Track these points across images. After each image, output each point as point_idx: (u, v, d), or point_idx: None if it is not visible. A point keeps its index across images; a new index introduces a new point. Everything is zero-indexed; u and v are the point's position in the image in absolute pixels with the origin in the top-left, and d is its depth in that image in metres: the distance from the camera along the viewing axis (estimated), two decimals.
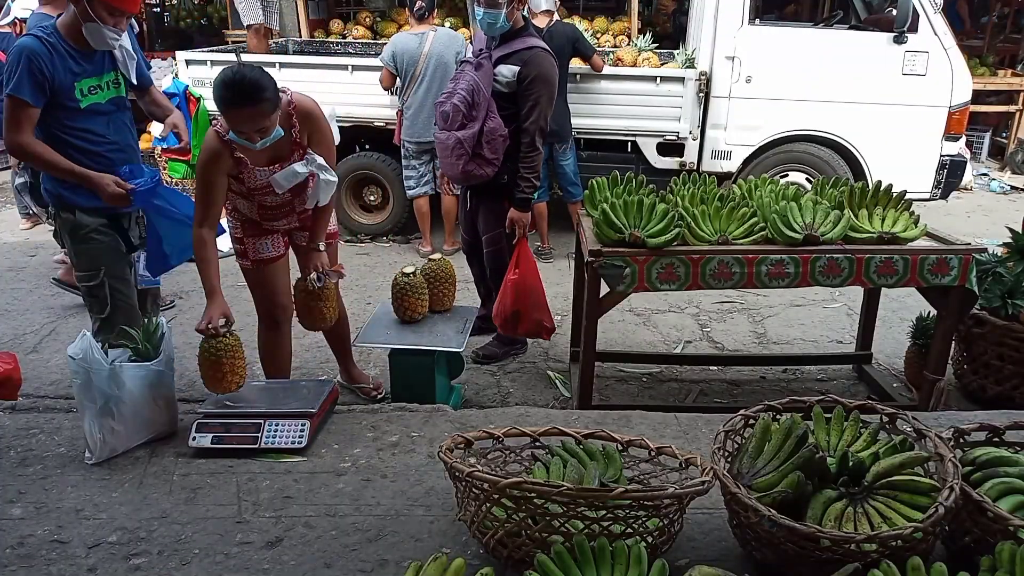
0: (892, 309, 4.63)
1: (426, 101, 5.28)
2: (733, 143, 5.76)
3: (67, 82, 2.81)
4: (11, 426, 2.71)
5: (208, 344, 2.60)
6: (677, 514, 1.88)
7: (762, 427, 2.03)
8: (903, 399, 3.52)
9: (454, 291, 3.43)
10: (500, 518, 1.87)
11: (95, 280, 3.09)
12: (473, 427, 2.52)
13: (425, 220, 5.74)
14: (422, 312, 3.27)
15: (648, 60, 5.87)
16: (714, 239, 3.06)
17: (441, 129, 3.70)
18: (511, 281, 3.64)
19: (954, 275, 3.08)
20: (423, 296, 3.26)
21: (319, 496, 2.31)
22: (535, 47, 3.58)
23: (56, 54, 2.78)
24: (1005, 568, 1.64)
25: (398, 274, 3.23)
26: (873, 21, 5.72)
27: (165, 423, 2.63)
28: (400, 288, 3.22)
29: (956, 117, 5.58)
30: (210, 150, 2.74)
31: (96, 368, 2.42)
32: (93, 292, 3.12)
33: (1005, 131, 9.54)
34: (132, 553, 2.04)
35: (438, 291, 3.34)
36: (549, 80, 3.59)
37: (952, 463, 1.85)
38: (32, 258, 5.61)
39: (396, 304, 3.26)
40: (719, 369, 4.01)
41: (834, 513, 1.82)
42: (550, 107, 3.64)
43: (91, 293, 3.13)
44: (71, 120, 2.89)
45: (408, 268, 3.29)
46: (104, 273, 3.08)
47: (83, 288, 3.17)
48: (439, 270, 3.35)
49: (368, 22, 7.71)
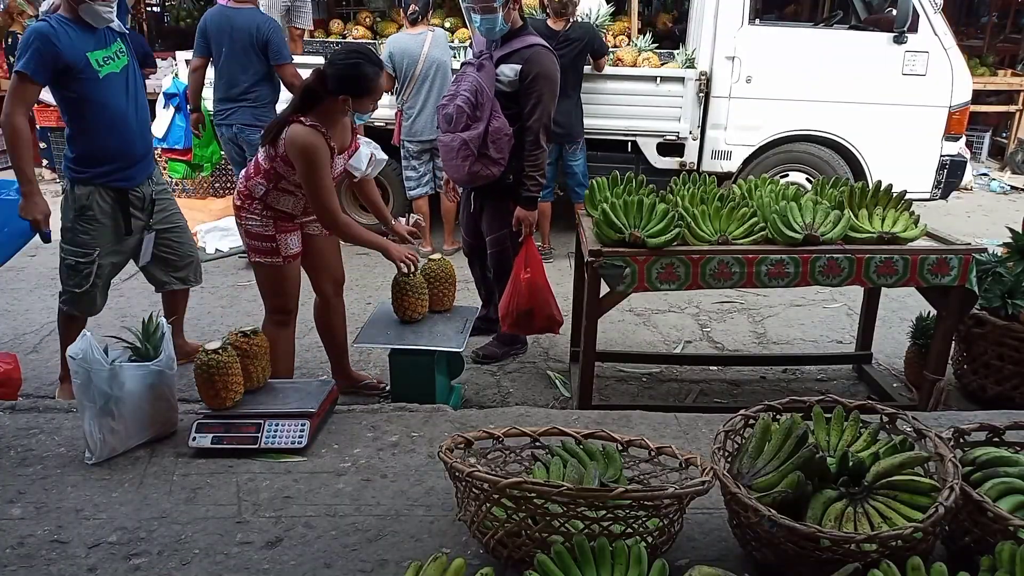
0: (892, 309, 4.63)
1: (427, 102, 5.29)
2: (733, 143, 5.76)
3: (80, 55, 3.04)
4: (11, 426, 2.71)
5: (201, 361, 2.55)
6: (677, 514, 1.88)
7: (762, 427, 2.03)
8: (903, 399, 3.52)
9: (454, 291, 3.43)
10: (500, 518, 1.87)
11: (87, 259, 3.26)
12: (473, 427, 2.52)
13: (425, 220, 5.74)
14: (422, 312, 3.27)
15: (648, 60, 5.86)
16: (714, 239, 3.06)
17: (444, 132, 3.69)
18: (525, 280, 3.65)
19: (954, 275, 3.08)
20: (423, 296, 3.26)
21: (319, 496, 2.31)
22: (535, 45, 3.58)
23: (64, 33, 3.00)
24: (1005, 568, 1.64)
25: (398, 274, 3.23)
26: (873, 21, 5.72)
27: (165, 423, 2.63)
28: (400, 288, 3.22)
29: (956, 117, 5.59)
30: (318, 144, 2.85)
31: (96, 368, 2.42)
32: (79, 268, 3.26)
33: (1005, 131, 9.55)
34: (132, 553, 2.04)
35: (438, 291, 3.34)
36: (551, 77, 3.59)
37: (952, 463, 1.85)
38: (32, 258, 5.60)
39: (396, 304, 3.26)
40: (719, 369, 4.00)
41: (834, 513, 1.82)
42: (553, 104, 3.63)
43: (76, 268, 3.26)
44: (91, 90, 3.09)
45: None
46: (98, 254, 3.27)
47: (69, 261, 3.27)
48: (439, 270, 3.35)
49: (368, 22, 7.71)
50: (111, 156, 3.20)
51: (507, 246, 3.85)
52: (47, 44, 2.95)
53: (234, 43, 4.86)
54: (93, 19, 3.05)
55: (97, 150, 3.18)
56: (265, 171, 2.98)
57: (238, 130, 5.07)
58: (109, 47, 3.16)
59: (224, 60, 4.94)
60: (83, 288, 3.28)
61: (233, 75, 4.95)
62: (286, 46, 5.05)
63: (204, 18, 5.02)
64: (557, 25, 5.16)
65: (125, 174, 3.27)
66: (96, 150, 3.18)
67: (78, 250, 3.25)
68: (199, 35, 5.01)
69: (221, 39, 4.89)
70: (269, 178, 2.98)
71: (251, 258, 3.16)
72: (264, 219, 3.05)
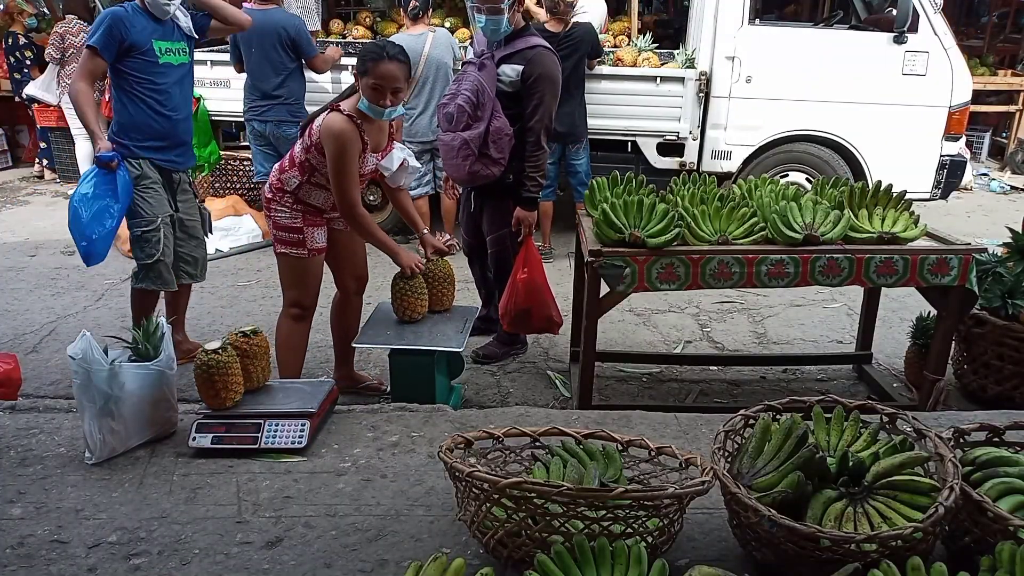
0: (892, 309, 4.63)
1: (429, 102, 5.29)
2: (733, 143, 5.76)
3: (145, 38, 3.38)
4: (11, 426, 2.71)
5: (201, 361, 2.55)
6: (677, 514, 1.88)
7: (762, 427, 2.03)
8: (903, 399, 3.52)
9: (453, 291, 3.43)
10: (500, 518, 1.87)
11: (152, 226, 3.52)
12: (473, 427, 2.52)
13: (425, 220, 5.74)
14: (422, 312, 3.27)
15: (648, 60, 5.86)
16: (714, 239, 3.06)
17: (445, 131, 3.70)
18: (522, 280, 3.65)
19: (954, 275, 3.08)
20: (423, 296, 3.26)
21: (319, 496, 2.31)
22: (538, 46, 3.58)
23: (135, 17, 3.36)
24: (1005, 568, 1.64)
25: (397, 275, 3.23)
26: (873, 21, 5.72)
27: (165, 423, 2.63)
28: (400, 288, 3.23)
29: (956, 117, 5.59)
30: (349, 133, 2.90)
31: (96, 368, 2.42)
32: (146, 237, 3.53)
33: (1005, 131, 9.55)
34: (132, 553, 2.04)
35: (437, 291, 3.34)
36: (553, 79, 3.59)
37: (952, 463, 1.85)
38: (32, 258, 5.61)
39: (396, 304, 3.26)
40: (719, 369, 4.00)
41: (834, 513, 1.82)
42: (554, 105, 3.64)
43: (143, 238, 3.53)
44: (149, 72, 3.41)
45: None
46: (160, 221, 3.53)
47: (136, 232, 3.53)
48: (438, 270, 3.35)
49: (368, 22, 7.71)
50: (158, 135, 3.50)
51: (507, 246, 3.85)
52: (118, 25, 3.29)
53: (263, 43, 5.11)
54: (156, 10, 3.39)
55: (145, 127, 3.47)
56: (300, 163, 3.04)
57: (274, 126, 5.29)
58: (174, 41, 3.50)
59: (254, 60, 5.18)
60: (154, 257, 3.53)
61: (265, 74, 5.19)
62: (312, 40, 5.35)
63: None
64: (556, 27, 5.17)
65: (169, 155, 3.57)
66: (144, 127, 3.47)
67: (142, 219, 3.50)
68: (231, 43, 5.29)
69: (250, 40, 5.10)
70: (304, 171, 3.04)
71: (276, 249, 3.21)
72: (293, 212, 3.11)
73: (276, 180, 3.13)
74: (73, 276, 5.19)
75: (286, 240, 3.15)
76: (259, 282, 5.13)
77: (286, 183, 3.09)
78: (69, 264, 5.42)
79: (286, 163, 3.11)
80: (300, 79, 5.33)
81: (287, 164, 3.10)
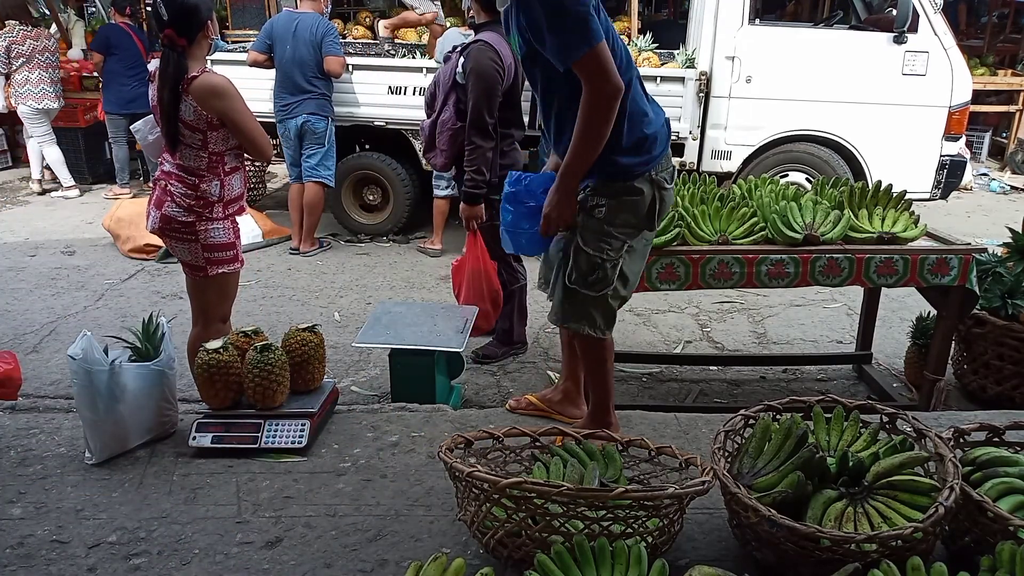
0: (892, 309, 4.63)
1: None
2: (733, 143, 5.76)
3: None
4: (11, 426, 2.71)
5: (201, 360, 2.54)
6: (677, 514, 1.88)
7: (762, 427, 2.03)
8: (903, 399, 3.52)
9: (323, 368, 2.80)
10: (500, 518, 1.87)
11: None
12: (473, 427, 2.52)
13: (441, 219, 5.76)
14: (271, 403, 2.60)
15: (648, 60, 5.86)
16: (714, 239, 3.06)
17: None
18: (453, 267, 3.79)
19: (954, 275, 3.08)
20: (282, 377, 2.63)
21: (319, 496, 2.32)
22: (478, 40, 3.54)
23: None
24: (1005, 568, 1.64)
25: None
26: (873, 21, 5.72)
27: (165, 423, 2.63)
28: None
29: (956, 117, 5.59)
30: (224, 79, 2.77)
31: (96, 368, 2.42)
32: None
33: (1005, 131, 9.54)
34: (132, 553, 2.04)
35: (297, 371, 2.70)
36: (482, 74, 3.48)
37: (952, 463, 1.85)
38: (32, 258, 5.61)
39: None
40: (719, 369, 4.00)
41: (834, 513, 1.82)
42: (487, 102, 3.51)
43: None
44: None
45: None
46: None
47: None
48: (298, 344, 2.70)
49: (368, 22, 7.72)
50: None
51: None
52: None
53: (298, 41, 5.34)
54: None
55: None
56: (208, 164, 2.79)
57: (304, 119, 5.42)
58: None
59: (288, 58, 5.36)
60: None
61: (297, 70, 5.39)
62: (339, 42, 5.58)
63: (272, 20, 5.67)
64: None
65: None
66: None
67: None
68: (263, 34, 5.51)
69: (286, 38, 5.36)
70: (214, 164, 2.81)
71: (211, 272, 2.88)
72: (226, 224, 2.90)
73: (193, 200, 2.79)
74: (73, 276, 5.19)
75: (222, 259, 2.89)
76: (259, 282, 5.12)
77: (209, 194, 2.80)
78: (69, 264, 5.42)
79: (191, 181, 2.79)
80: (328, 78, 5.51)
81: (196, 182, 2.79)
